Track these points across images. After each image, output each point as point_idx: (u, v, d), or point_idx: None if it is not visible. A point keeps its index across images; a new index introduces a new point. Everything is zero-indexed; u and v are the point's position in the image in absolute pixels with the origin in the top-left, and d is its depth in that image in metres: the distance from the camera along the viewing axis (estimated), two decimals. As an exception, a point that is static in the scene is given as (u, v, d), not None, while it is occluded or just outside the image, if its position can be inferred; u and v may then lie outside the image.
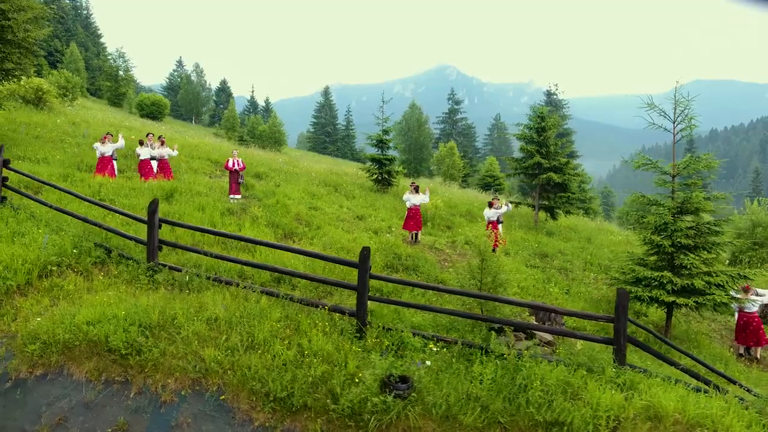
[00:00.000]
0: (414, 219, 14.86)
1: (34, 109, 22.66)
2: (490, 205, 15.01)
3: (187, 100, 69.90)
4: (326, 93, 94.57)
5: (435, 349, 7.20)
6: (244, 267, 9.27)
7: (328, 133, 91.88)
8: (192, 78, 71.60)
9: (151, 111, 50.87)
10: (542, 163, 20.67)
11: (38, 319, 6.84)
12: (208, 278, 8.44)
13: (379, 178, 23.52)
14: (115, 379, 6.16)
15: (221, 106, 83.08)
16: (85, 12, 72.42)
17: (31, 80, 22.70)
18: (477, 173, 55.01)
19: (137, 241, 9.08)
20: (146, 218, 8.92)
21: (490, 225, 14.81)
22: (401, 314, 8.50)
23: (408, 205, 15.09)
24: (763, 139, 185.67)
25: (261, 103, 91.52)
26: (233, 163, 15.39)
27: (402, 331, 7.54)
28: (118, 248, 9.17)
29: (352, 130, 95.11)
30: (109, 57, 57.25)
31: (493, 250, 14.92)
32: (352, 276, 10.16)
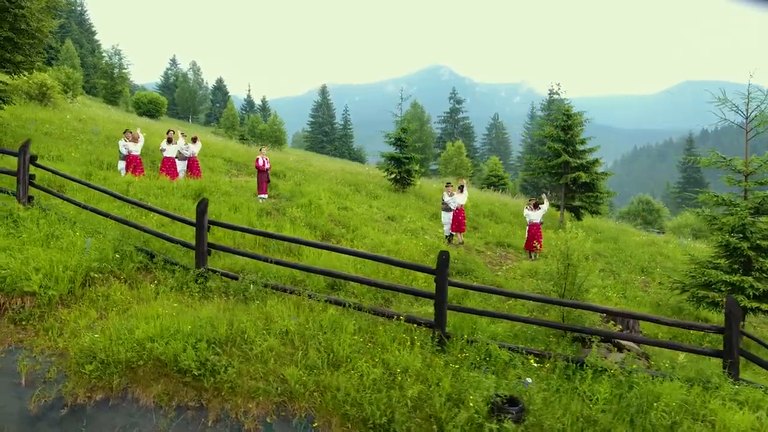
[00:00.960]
0: (456, 220, 14.17)
1: (38, 105, 21.66)
2: (536, 206, 14.33)
3: (184, 98, 68.73)
4: (323, 92, 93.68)
5: (535, 364, 6.48)
6: (295, 272, 8.50)
7: (326, 133, 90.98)
8: (189, 76, 70.35)
9: (148, 109, 49.84)
10: (569, 161, 20.06)
11: (91, 334, 6.03)
12: (266, 286, 7.68)
13: (398, 177, 22.81)
14: (189, 405, 5.37)
15: (217, 104, 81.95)
16: (79, 8, 70.88)
17: (34, 75, 21.69)
18: (480, 173, 54.49)
19: (183, 244, 8.28)
20: (193, 219, 8.15)
21: (533, 226, 14.15)
22: (476, 323, 7.78)
23: (453, 206, 14.36)
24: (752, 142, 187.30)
25: (257, 102, 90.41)
26: (263, 162, 14.57)
27: (488, 344, 6.83)
28: (161, 252, 8.37)
29: (349, 129, 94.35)
30: (105, 54, 56.02)
31: (532, 255, 14.34)
32: (416, 281, 9.47)
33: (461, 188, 14.69)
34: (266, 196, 14.30)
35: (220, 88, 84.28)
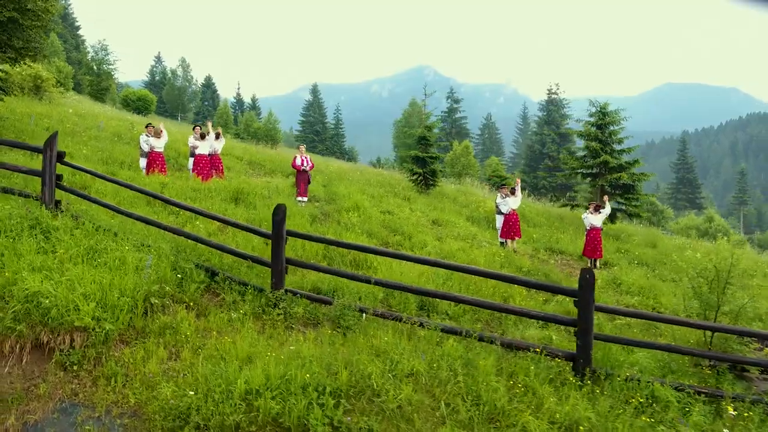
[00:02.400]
0: (514, 225, 12.90)
1: (33, 98, 19.81)
2: (597, 209, 13.12)
3: (173, 95, 66.38)
4: (315, 91, 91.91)
5: (733, 412, 5.20)
6: (376, 290, 7.12)
7: (317, 132, 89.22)
8: (178, 73, 68.01)
9: (137, 106, 47.68)
10: (609, 161, 18.99)
11: (170, 384, 4.59)
12: (362, 311, 6.29)
13: (422, 178, 21.48)
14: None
15: (206, 102, 79.66)
16: (63, 2, 67.94)
17: (28, 67, 19.85)
18: (481, 173, 53.47)
19: (255, 260, 6.82)
20: (266, 230, 6.73)
21: (594, 231, 12.95)
22: (611, 352, 6.49)
23: (505, 209, 13.08)
24: (733, 141, 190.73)
25: (247, 100, 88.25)
26: (302, 162, 13.09)
27: (649, 382, 5.56)
28: (223, 269, 6.90)
29: (341, 128, 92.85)
30: (90, 50, 53.68)
31: (596, 264, 13.14)
32: (511, 298, 8.15)
33: (513, 190, 13.42)
34: (306, 199, 12.85)
35: (209, 85, 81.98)
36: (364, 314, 6.25)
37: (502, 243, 13.36)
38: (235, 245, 7.83)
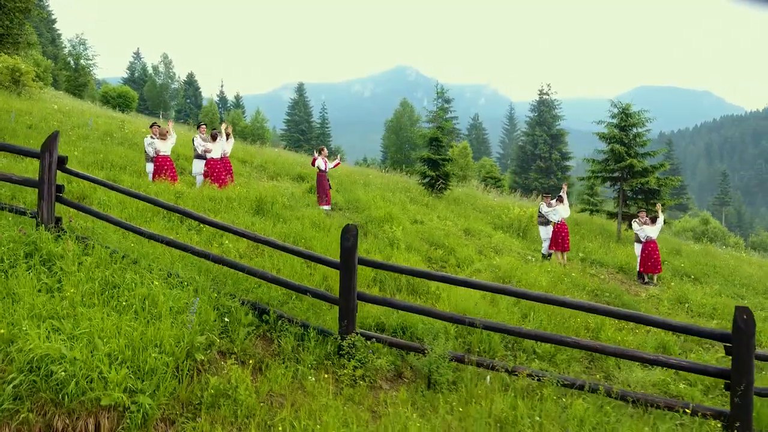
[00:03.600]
0: (564, 237, 11.74)
1: (11, 93, 17.95)
2: (654, 219, 12.02)
3: (155, 93, 63.90)
4: (300, 90, 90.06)
5: None
6: (449, 326, 5.83)
7: (303, 131, 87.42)
8: (159, 69, 65.48)
9: (117, 103, 45.48)
10: (634, 165, 17.98)
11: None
12: (458, 360, 5.00)
13: (433, 181, 20.23)
14: None
15: (188, 100, 77.18)
16: (36, -7, 64.77)
17: (4, 59, 17.99)
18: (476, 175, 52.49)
19: (318, 296, 5.44)
20: (329, 257, 5.38)
21: (650, 244, 11.85)
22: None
23: (555, 219, 11.90)
24: (708, 143, 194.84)
25: (230, 98, 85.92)
26: (324, 164, 11.70)
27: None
28: (270, 304, 5.51)
29: (327, 128, 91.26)
30: (67, 44, 51.19)
31: (647, 278, 11.95)
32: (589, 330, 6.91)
33: (560, 198, 12.23)
34: (329, 207, 11.47)
35: (191, 83, 79.43)
36: (456, 362, 4.94)
37: (545, 255, 12.19)
38: (274, 270, 6.45)
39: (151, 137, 10.87)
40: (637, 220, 12.36)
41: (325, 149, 12.49)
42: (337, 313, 5.29)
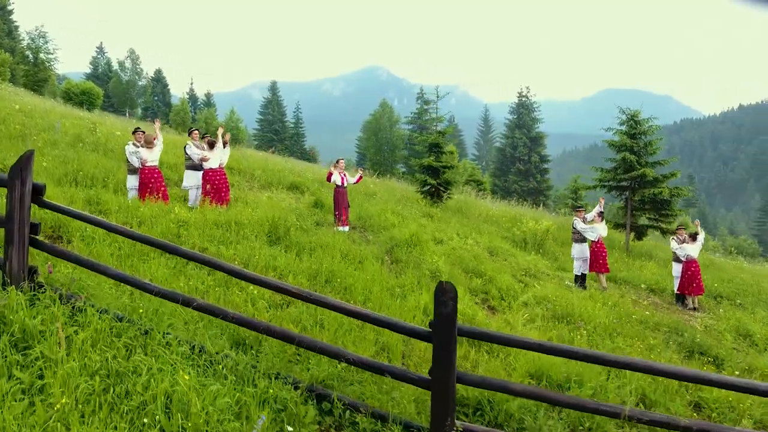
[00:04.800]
0: (596, 256, 10.67)
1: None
2: (694, 237, 11.05)
3: (121, 90, 60.69)
4: (273, 89, 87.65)
5: None
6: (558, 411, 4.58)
7: (276, 131, 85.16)
8: (126, 65, 62.15)
9: (81, 100, 42.67)
10: (647, 174, 17.19)
11: None
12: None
13: (433, 190, 19.02)
14: None
15: (156, 98, 73.87)
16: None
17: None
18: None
19: (403, 378, 4.04)
20: (418, 326, 4.02)
21: (692, 264, 10.88)
22: None
23: (593, 237, 10.80)
24: (670, 146, 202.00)
25: (201, 97, 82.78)
26: (342, 178, 10.25)
27: None
28: (327, 385, 4.12)
29: (301, 128, 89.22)
30: (26, 37, 47.81)
31: (689, 301, 10.97)
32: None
33: (601, 215, 11.12)
34: (348, 228, 10.03)
35: (159, 79, 76.13)
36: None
37: (578, 277, 11.10)
38: (315, 324, 5.04)
39: (134, 144, 9.20)
40: (675, 237, 11.41)
41: (342, 161, 10.96)
42: (416, 393, 3.96)
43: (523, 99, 62.54)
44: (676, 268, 11.26)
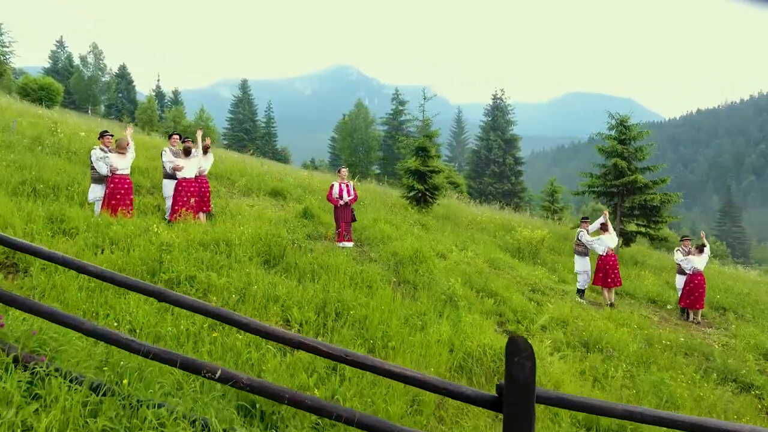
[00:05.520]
0: (613, 270, 10.10)
1: None
2: (700, 249, 10.61)
3: (82, 86, 57.82)
4: (244, 87, 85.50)
5: None
6: None
7: (247, 131, 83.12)
8: (88, 60, 59.20)
9: (39, 96, 40.25)
10: (638, 180, 16.90)
11: None
12: None
13: (420, 195, 18.29)
14: None
15: (120, 94, 70.90)
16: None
17: None
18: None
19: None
20: (486, 394, 3.22)
21: (697, 277, 10.45)
22: None
23: (601, 250, 10.22)
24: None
25: (168, 94, 79.91)
26: (341, 191, 9.31)
27: None
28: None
29: (273, 128, 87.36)
30: (-24, 27, 44.84)
31: (691, 315, 10.55)
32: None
33: (604, 226, 10.57)
34: (351, 244, 9.12)
35: (123, 76, 73.13)
36: None
37: (581, 291, 10.52)
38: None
39: (102, 149, 8.07)
40: (680, 249, 10.96)
41: (345, 170, 9.94)
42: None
43: (498, 101, 62.60)
44: (680, 281, 10.83)
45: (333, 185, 9.37)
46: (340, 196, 9.23)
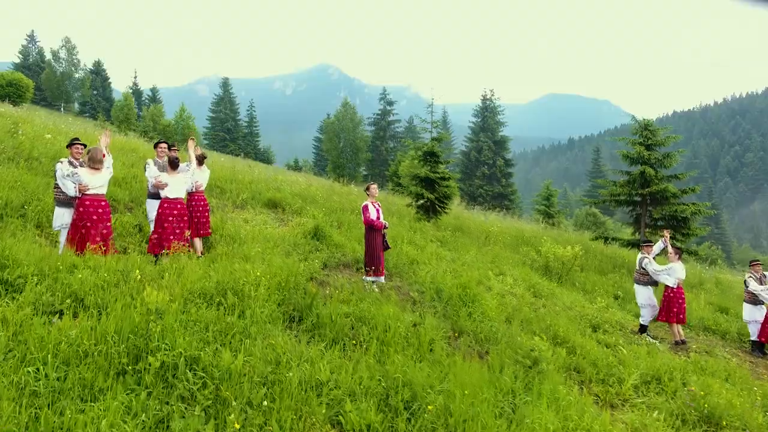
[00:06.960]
0: (682, 304, 8.59)
1: None
2: (679, 251, 9.01)
3: (54, 82, 54.72)
4: (225, 86, 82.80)
5: None
6: None
7: (229, 130, 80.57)
8: (60, 56, 56.02)
9: (6, 93, 37.53)
10: (668, 189, 15.52)
11: None
12: None
13: (429, 204, 16.68)
14: None
15: (95, 92, 67.73)
16: None
17: None
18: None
19: None
20: None
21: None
22: None
23: (671, 282, 8.66)
24: (613, 148, 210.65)
25: (146, 92, 76.86)
26: (380, 213, 7.50)
27: None
28: None
29: (255, 127, 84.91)
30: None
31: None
32: None
33: (678, 251, 8.94)
34: (383, 278, 7.36)
35: (98, 72, 69.98)
36: None
37: (644, 327, 8.98)
38: None
39: (71, 162, 6.21)
40: (751, 275, 9.49)
41: (374, 187, 8.08)
42: None
43: (488, 102, 61.39)
44: (751, 312, 9.37)
45: (367, 206, 7.46)
46: (378, 217, 7.44)
